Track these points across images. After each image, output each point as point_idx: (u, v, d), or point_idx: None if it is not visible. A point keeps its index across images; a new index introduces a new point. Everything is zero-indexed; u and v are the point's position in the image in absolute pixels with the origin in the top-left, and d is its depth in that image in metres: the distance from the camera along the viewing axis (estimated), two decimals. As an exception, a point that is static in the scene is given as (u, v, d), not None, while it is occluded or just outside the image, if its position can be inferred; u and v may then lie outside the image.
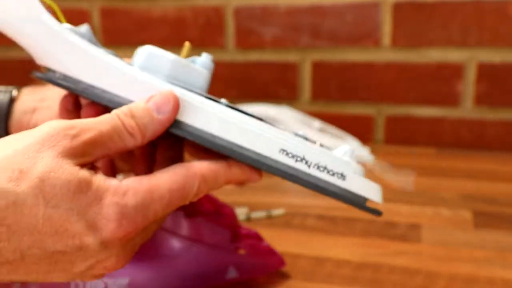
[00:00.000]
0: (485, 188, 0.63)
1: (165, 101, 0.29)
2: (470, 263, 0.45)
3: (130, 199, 0.26)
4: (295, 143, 0.31)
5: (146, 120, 0.28)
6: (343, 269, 0.45)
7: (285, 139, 0.31)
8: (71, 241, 0.25)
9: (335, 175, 0.32)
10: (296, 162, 0.31)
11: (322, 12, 0.80)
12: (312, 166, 0.32)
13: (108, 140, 0.27)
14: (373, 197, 0.33)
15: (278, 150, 0.31)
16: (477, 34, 0.75)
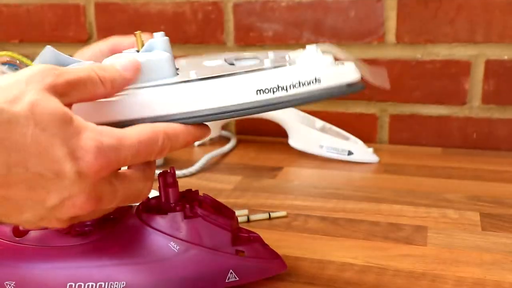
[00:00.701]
0: (493, 189, 0.62)
1: (130, 64, 0.34)
2: (477, 267, 0.45)
3: (106, 138, 0.29)
4: (266, 77, 0.33)
5: (115, 74, 0.33)
6: (346, 273, 0.44)
7: (256, 79, 0.33)
8: (51, 165, 0.28)
9: (311, 83, 0.34)
10: (274, 94, 0.33)
11: (325, 7, 0.80)
12: (289, 88, 0.34)
13: (84, 84, 0.31)
14: (353, 77, 0.36)
15: (255, 92, 0.33)
16: (485, 31, 0.75)
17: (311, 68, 0.34)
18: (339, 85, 0.35)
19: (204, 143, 0.81)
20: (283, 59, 0.38)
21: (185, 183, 0.65)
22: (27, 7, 0.93)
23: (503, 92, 0.76)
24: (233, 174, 0.68)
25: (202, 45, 0.87)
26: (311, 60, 0.35)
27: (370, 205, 0.58)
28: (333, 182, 0.66)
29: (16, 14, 0.94)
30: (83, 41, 0.92)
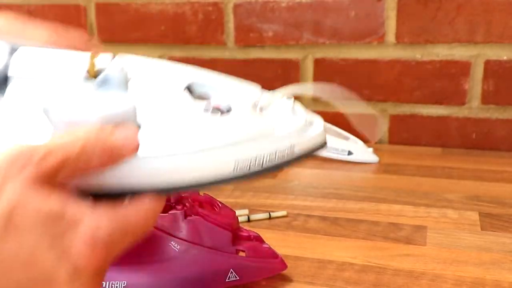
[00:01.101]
0: (492, 189, 0.62)
1: (131, 138, 0.28)
2: (476, 266, 0.45)
3: (105, 224, 0.25)
4: (244, 150, 0.31)
5: (113, 149, 0.27)
6: (346, 272, 0.44)
7: (234, 153, 0.31)
8: (41, 272, 0.24)
9: (286, 151, 0.33)
10: (250, 168, 0.31)
11: (325, 7, 0.80)
12: (265, 160, 0.32)
13: (75, 161, 0.26)
14: (321, 140, 0.35)
15: (232, 168, 0.31)
16: (484, 31, 0.75)
17: (287, 137, 0.33)
18: (309, 149, 0.34)
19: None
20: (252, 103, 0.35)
21: (186, 183, 0.66)
22: (28, 7, 0.93)
23: (502, 93, 0.76)
24: (233, 174, 0.68)
25: (202, 46, 0.87)
26: (286, 124, 0.33)
27: (370, 205, 0.58)
28: (333, 182, 0.66)
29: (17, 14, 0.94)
30: (84, 41, 0.92)
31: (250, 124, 0.32)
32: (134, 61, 0.34)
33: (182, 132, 0.30)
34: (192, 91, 0.34)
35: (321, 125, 0.35)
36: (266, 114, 0.33)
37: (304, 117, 0.34)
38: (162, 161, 0.29)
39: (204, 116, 0.32)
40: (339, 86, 0.37)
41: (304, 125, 0.34)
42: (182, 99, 0.33)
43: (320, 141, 0.35)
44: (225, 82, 0.35)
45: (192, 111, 0.32)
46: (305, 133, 0.34)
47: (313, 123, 0.35)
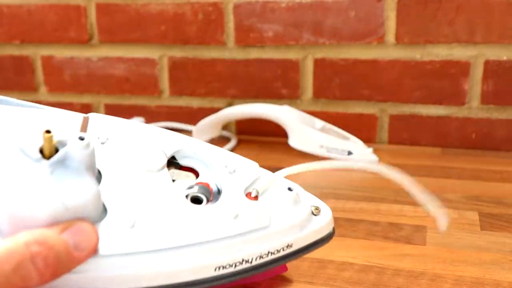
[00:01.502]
0: (492, 189, 0.62)
1: (86, 239, 0.23)
2: (476, 266, 0.45)
3: None
4: (226, 254, 0.26)
5: (61, 256, 0.22)
6: (346, 272, 0.44)
7: (216, 255, 0.26)
8: None
9: (281, 249, 0.28)
10: (235, 267, 0.27)
11: (325, 8, 0.80)
12: (255, 259, 0.27)
13: (9, 282, 0.20)
14: (327, 231, 0.30)
15: (213, 269, 0.26)
16: (484, 31, 0.75)
17: (284, 233, 0.28)
18: (312, 243, 0.30)
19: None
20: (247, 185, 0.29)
21: (186, 183, 0.66)
22: (28, 7, 0.93)
23: (502, 93, 0.76)
24: (233, 174, 0.68)
25: (202, 46, 0.87)
26: (284, 216, 0.28)
27: (369, 204, 0.58)
28: (333, 182, 0.66)
29: (17, 14, 0.94)
30: (84, 42, 0.92)
31: (240, 216, 0.27)
32: (107, 124, 0.29)
33: (155, 226, 0.25)
34: (176, 162, 0.29)
35: (329, 214, 0.30)
36: (261, 203, 0.28)
37: (308, 207, 0.29)
38: (129, 260, 0.24)
39: (185, 205, 0.26)
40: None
41: (307, 217, 0.29)
42: (160, 180, 0.27)
43: (326, 233, 0.30)
44: (218, 156, 0.29)
45: (170, 197, 0.27)
46: (308, 226, 0.29)
47: (320, 211, 0.30)
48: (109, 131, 0.28)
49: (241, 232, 0.26)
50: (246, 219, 0.27)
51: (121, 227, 0.25)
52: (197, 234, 0.26)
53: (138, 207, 0.25)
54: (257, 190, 0.28)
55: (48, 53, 0.94)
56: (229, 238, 0.26)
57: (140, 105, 0.93)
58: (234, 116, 0.79)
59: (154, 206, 0.26)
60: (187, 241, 0.25)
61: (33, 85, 0.98)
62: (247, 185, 0.28)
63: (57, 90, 0.97)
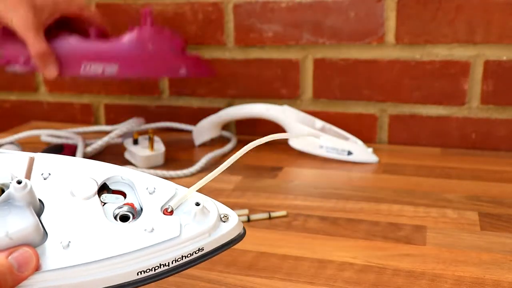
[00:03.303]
0: (492, 189, 0.62)
1: (27, 261, 0.29)
2: (476, 266, 0.45)
3: None
4: (145, 261, 0.32)
5: (7, 277, 0.28)
6: (346, 272, 0.44)
7: (137, 262, 0.32)
8: None
9: (194, 252, 0.33)
10: (156, 271, 0.33)
11: (325, 8, 0.80)
12: (172, 262, 0.33)
13: None
14: (236, 233, 0.35)
15: (136, 274, 0.32)
16: (484, 31, 0.75)
17: (193, 239, 0.33)
18: (223, 244, 0.34)
19: (205, 143, 0.81)
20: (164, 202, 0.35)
21: (186, 183, 0.66)
22: (28, 7, 0.93)
23: (502, 93, 0.76)
24: (233, 174, 0.68)
25: (202, 46, 0.87)
26: (197, 224, 0.33)
27: (369, 205, 0.58)
28: (333, 182, 0.66)
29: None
30: (84, 41, 0.92)
31: (155, 229, 0.33)
32: (50, 162, 0.35)
33: (86, 243, 0.32)
34: (107, 187, 0.35)
35: (236, 219, 0.35)
36: (173, 217, 0.34)
37: (215, 215, 0.34)
38: (65, 273, 0.31)
39: (110, 224, 0.33)
40: None
41: (214, 225, 0.34)
42: (92, 205, 0.33)
43: (235, 234, 0.35)
44: (142, 179, 0.35)
45: (98, 218, 0.33)
46: (216, 231, 0.34)
47: (229, 218, 0.35)
48: (51, 167, 0.35)
49: (157, 242, 0.32)
50: (160, 231, 0.33)
51: (57, 247, 0.31)
52: (120, 246, 0.32)
53: (72, 229, 0.32)
54: (171, 206, 0.34)
55: (48, 53, 0.94)
56: (147, 248, 0.32)
57: (140, 105, 0.93)
58: (234, 116, 0.79)
59: (85, 227, 0.32)
60: (112, 253, 0.32)
61: (33, 85, 0.98)
62: (163, 202, 0.34)
63: (57, 90, 0.97)
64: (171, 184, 0.35)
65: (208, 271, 0.44)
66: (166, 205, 0.34)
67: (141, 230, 0.32)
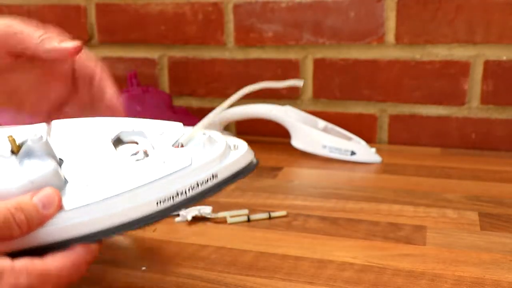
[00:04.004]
0: (492, 189, 0.62)
1: (50, 200, 0.32)
2: (476, 266, 0.45)
3: (24, 280, 0.29)
4: (167, 185, 0.34)
5: (33, 214, 0.31)
6: (346, 272, 0.44)
7: (156, 190, 0.33)
8: None
9: (208, 179, 0.35)
10: (174, 200, 0.34)
11: (325, 8, 0.80)
12: (188, 190, 0.34)
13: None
14: (247, 160, 0.37)
15: (155, 204, 0.33)
16: (483, 31, 0.75)
17: (205, 166, 0.35)
18: (235, 172, 0.36)
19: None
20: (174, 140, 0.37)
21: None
22: (28, 7, 0.93)
23: (501, 93, 0.76)
24: (233, 174, 0.68)
25: (202, 46, 0.87)
26: (207, 153, 0.35)
27: (369, 205, 0.58)
28: (333, 182, 0.66)
29: (17, 14, 0.94)
30: (84, 41, 0.92)
31: (167, 161, 0.34)
32: (65, 125, 0.38)
33: (105, 181, 0.33)
34: (121, 140, 0.38)
35: (245, 147, 0.37)
36: (185, 150, 0.36)
37: (223, 144, 0.36)
38: (87, 209, 0.32)
39: (126, 162, 0.35)
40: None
41: (223, 152, 0.36)
42: (106, 151, 0.36)
43: (247, 162, 0.37)
44: (151, 126, 0.38)
45: (114, 160, 0.35)
46: (227, 159, 0.36)
47: (238, 147, 0.37)
48: (66, 129, 0.37)
49: (170, 172, 0.34)
50: (172, 162, 0.34)
51: (78, 187, 0.33)
52: (136, 180, 0.33)
53: (91, 173, 0.34)
54: (180, 143, 0.36)
55: (48, 53, 0.94)
56: (161, 179, 0.33)
57: (140, 105, 0.93)
58: (235, 116, 0.79)
59: (102, 170, 0.34)
60: (129, 187, 0.33)
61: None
62: (174, 141, 0.36)
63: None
64: (179, 125, 0.37)
65: (208, 271, 0.44)
66: (176, 143, 0.36)
67: (154, 163, 0.34)
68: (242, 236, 0.51)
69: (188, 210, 0.54)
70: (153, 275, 0.44)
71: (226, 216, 0.54)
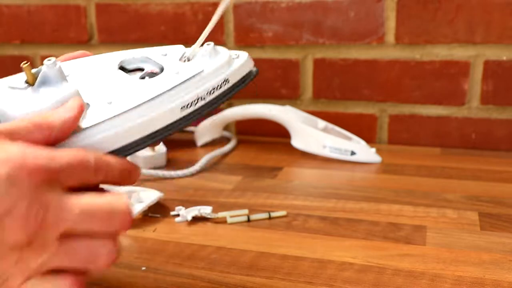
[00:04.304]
0: (492, 189, 0.62)
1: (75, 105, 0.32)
2: (476, 266, 0.45)
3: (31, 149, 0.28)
4: (187, 90, 0.36)
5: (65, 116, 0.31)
6: (345, 272, 0.44)
7: (179, 96, 0.35)
8: None
9: (221, 83, 0.37)
10: (196, 105, 0.36)
11: (325, 8, 0.80)
12: (207, 95, 0.37)
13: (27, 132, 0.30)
14: (250, 66, 0.40)
15: (179, 110, 0.35)
16: (483, 31, 0.75)
17: (216, 72, 0.37)
18: (243, 77, 0.39)
19: (206, 143, 0.81)
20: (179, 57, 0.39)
21: (186, 182, 0.66)
22: (28, 7, 0.93)
23: (501, 93, 0.76)
24: (233, 174, 0.68)
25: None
26: (214, 61, 0.38)
27: (369, 205, 0.58)
28: (333, 182, 0.66)
29: (17, 14, 0.94)
30: (84, 42, 0.92)
31: (181, 72, 0.36)
32: (71, 64, 0.38)
33: (126, 97, 0.34)
34: (125, 68, 0.39)
35: (245, 55, 0.40)
36: (193, 62, 0.38)
37: (227, 53, 0.39)
38: (113, 122, 0.33)
39: (142, 81, 0.36)
40: None
41: (228, 60, 0.38)
42: (118, 75, 0.37)
43: (250, 68, 0.40)
44: (152, 52, 0.39)
45: (129, 81, 0.36)
46: (234, 65, 0.39)
47: (239, 56, 0.40)
48: (72, 68, 0.38)
49: (186, 78, 0.36)
50: (185, 72, 0.36)
51: (102, 105, 0.34)
52: (156, 90, 0.35)
53: (111, 93, 0.35)
54: (187, 57, 0.38)
55: (48, 53, 0.94)
56: (181, 84, 0.36)
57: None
58: (236, 117, 0.79)
59: (121, 89, 0.35)
60: (151, 96, 0.34)
61: (33, 85, 0.98)
62: (179, 57, 0.38)
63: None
64: (180, 46, 0.39)
65: (208, 271, 0.44)
66: (183, 58, 0.38)
67: (168, 76, 0.36)
68: (242, 236, 0.51)
69: (188, 210, 0.54)
70: (153, 275, 0.44)
71: (226, 216, 0.54)
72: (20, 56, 0.97)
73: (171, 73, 0.36)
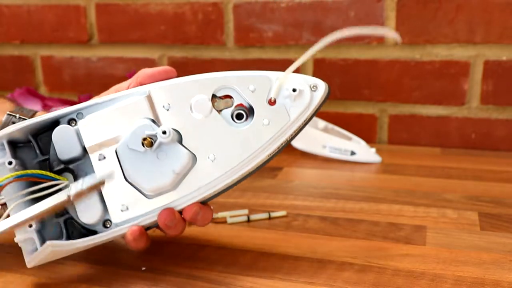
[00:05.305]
0: (492, 189, 0.62)
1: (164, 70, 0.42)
2: (476, 266, 0.45)
3: None
4: (276, 141, 0.41)
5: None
6: (345, 272, 0.44)
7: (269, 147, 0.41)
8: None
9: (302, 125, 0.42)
10: (280, 148, 0.42)
11: (325, 8, 0.80)
12: (289, 137, 0.42)
13: None
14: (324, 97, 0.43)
15: (266, 156, 0.41)
16: (483, 31, 0.75)
17: (303, 114, 0.41)
18: (316, 108, 0.42)
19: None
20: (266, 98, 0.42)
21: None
22: (28, 7, 0.93)
23: (501, 93, 0.76)
24: (233, 174, 0.68)
25: (202, 46, 0.87)
26: (299, 103, 0.41)
27: (369, 205, 0.58)
28: (333, 182, 0.66)
29: (17, 14, 0.94)
30: (84, 42, 0.92)
31: (271, 121, 0.41)
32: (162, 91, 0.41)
33: (225, 151, 0.41)
34: (215, 96, 0.42)
35: (323, 86, 0.43)
36: (279, 105, 0.41)
37: (308, 91, 0.42)
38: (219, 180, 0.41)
39: (236, 130, 0.41)
40: None
41: (310, 99, 0.42)
42: (213, 119, 0.41)
43: (326, 94, 0.43)
44: (239, 80, 0.42)
45: (225, 128, 0.41)
46: (313, 101, 0.42)
47: (317, 87, 0.42)
48: (166, 97, 0.41)
49: (276, 131, 0.41)
50: (275, 122, 0.41)
51: (207, 163, 0.41)
52: (251, 145, 0.41)
53: (211, 144, 0.41)
54: (274, 98, 0.41)
55: (48, 53, 0.94)
56: (271, 138, 0.41)
57: (140, 105, 0.93)
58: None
59: (219, 139, 0.41)
60: (248, 151, 0.41)
61: (33, 85, 0.98)
62: (266, 96, 0.41)
63: (57, 90, 0.97)
64: (264, 75, 0.41)
65: (208, 271, 0.44)
66: (269, 97, 0.41)
67: (260, 126, 0.41)
68: (242, 236, 0.51)
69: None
70: (153, 275, 0.44)
71: (226, 216, 0.54)
72: (20, 56, 0.97)
73: (261, 124, 0.41)
